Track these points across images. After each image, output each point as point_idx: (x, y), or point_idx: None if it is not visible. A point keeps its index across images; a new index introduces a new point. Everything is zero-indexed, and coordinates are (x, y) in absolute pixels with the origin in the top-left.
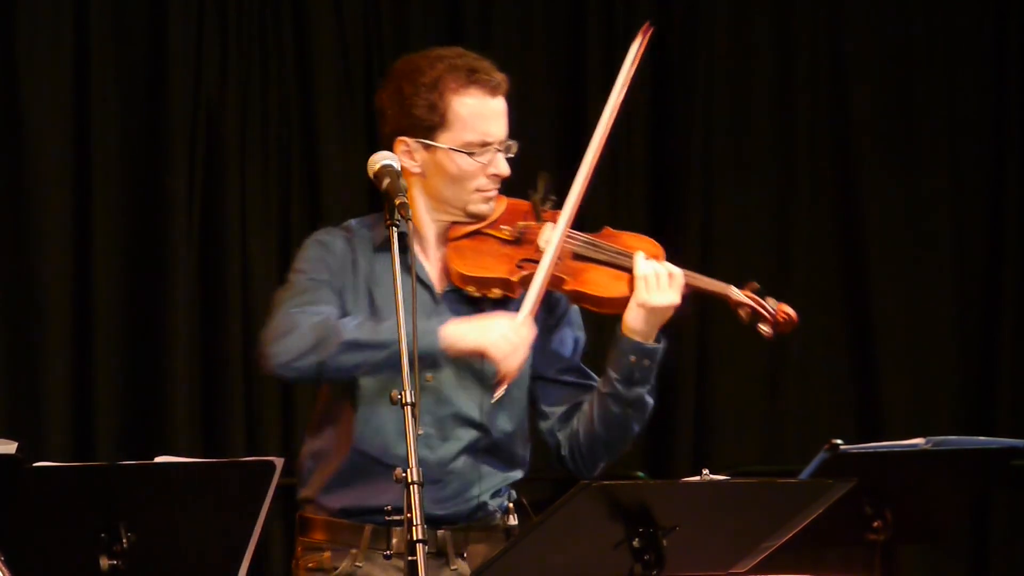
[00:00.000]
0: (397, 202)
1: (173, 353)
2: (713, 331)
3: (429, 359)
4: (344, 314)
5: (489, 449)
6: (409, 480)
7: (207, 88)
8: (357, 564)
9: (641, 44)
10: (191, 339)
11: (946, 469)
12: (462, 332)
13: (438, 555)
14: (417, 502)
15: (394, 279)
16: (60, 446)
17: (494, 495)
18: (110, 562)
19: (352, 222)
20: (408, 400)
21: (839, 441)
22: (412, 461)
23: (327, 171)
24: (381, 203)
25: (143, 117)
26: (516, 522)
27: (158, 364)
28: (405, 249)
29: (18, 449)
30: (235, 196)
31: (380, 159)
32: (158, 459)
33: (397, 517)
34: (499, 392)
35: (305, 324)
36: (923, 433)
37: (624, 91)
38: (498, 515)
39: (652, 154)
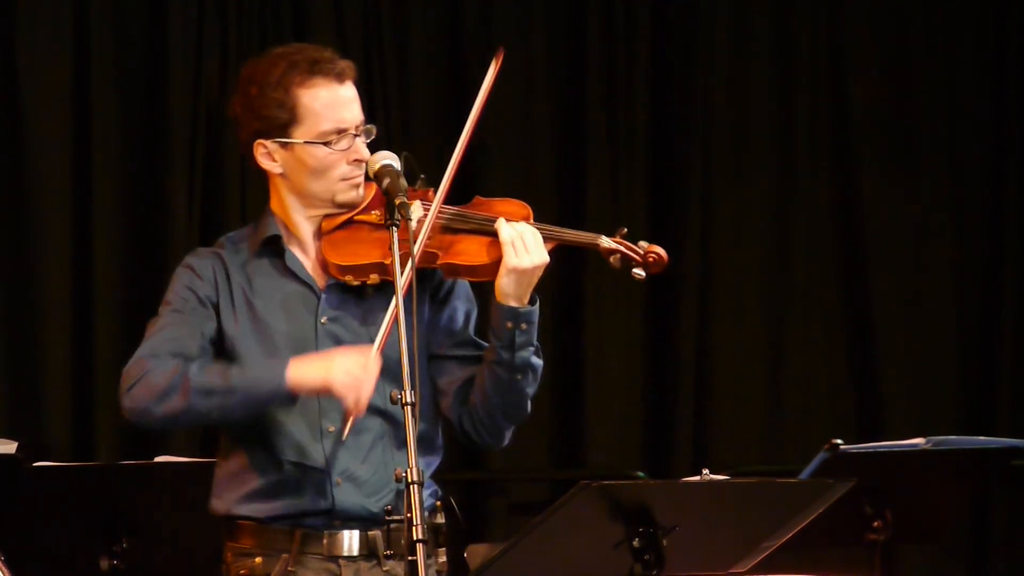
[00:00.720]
0: (397, 202)
1: None
2: (713, 331)
3: (278, 399)
4: (219, 334)
5: (399, 434)
6: (409, 480)
7: (207, 88)
8: (290, 569)
9: (495, 68)
10: None
11: (946, 469)
12: (304, 371)
13: (369, 556)
14: (417, 502)
15: (394, 279)
16: (60, 446)
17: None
18: (110, 562)
19: (229, 236)
20: (408, 400)
21: (839, 441)
22: (412, 461)
23: None
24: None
25: (143, 117)
26: (443, 520)
27: None
28: (282, 251)
29: (18, 449)
30: (235, 196)
31: (380, 159)
32: (158, 459)
33: (397, 517)
34: (347, 429)
35: (156, 373)
36: (923, 433)
37: (480, 110)
38: (424, 514)
39: (652, 154)
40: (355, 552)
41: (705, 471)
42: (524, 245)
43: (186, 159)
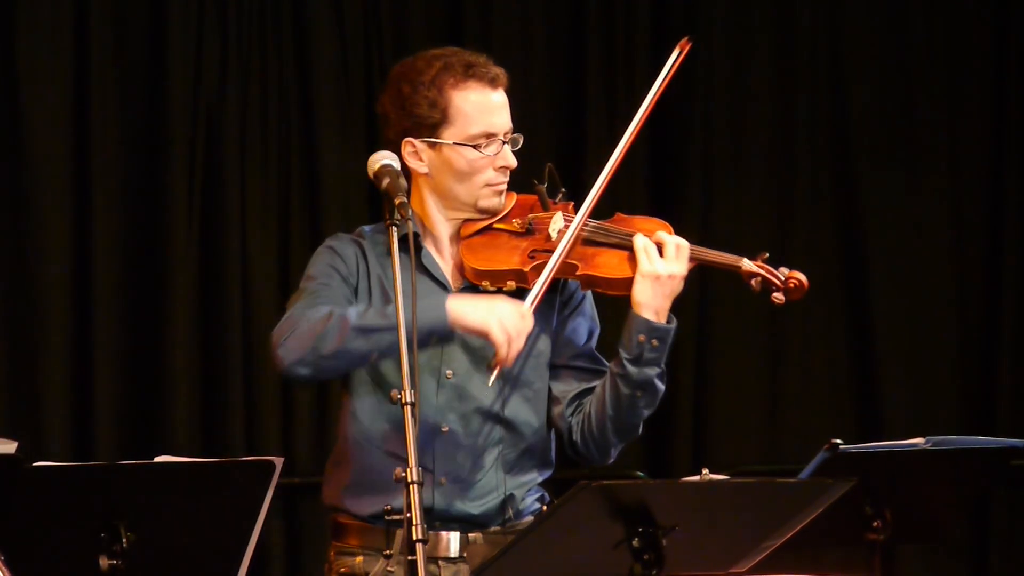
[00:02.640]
0: (397, 202)
1: (173, 353)
2: (713, 331)
3: (437, 333)
4: None
5: (517, 443)
6: (409, 480)
7: (207, 88)
8: (389, 569)
9: (679, 57)
10: (191, 339)
11: (946, 469)
12: (467, 309)
13: (466, 559)
14: (417, 502)
15: (394, 279)
16: (60, 446)
17: (526, 494)
18: (110, 562)
19: (364, 228)
20: (408, 400)
21: (839, 441)
22: (412, 461)
23: (327, 171)
24: (380, 203)
25: (143, 117)
26: None
27: (158, 364)
28: (419, 248)
29: (18, 449)
30: (235, 196)
31: (380, 159)
32: (158, 459)
33: (397, 517)
34: (492, 376)
35: (312, 319)
36: (923, 433)
37: (658, 96)
38: (530, 517)
39: (652, 154)
40: (455, 554)
41: (705, 471)
42: (663, 251)
43: (186, 159)
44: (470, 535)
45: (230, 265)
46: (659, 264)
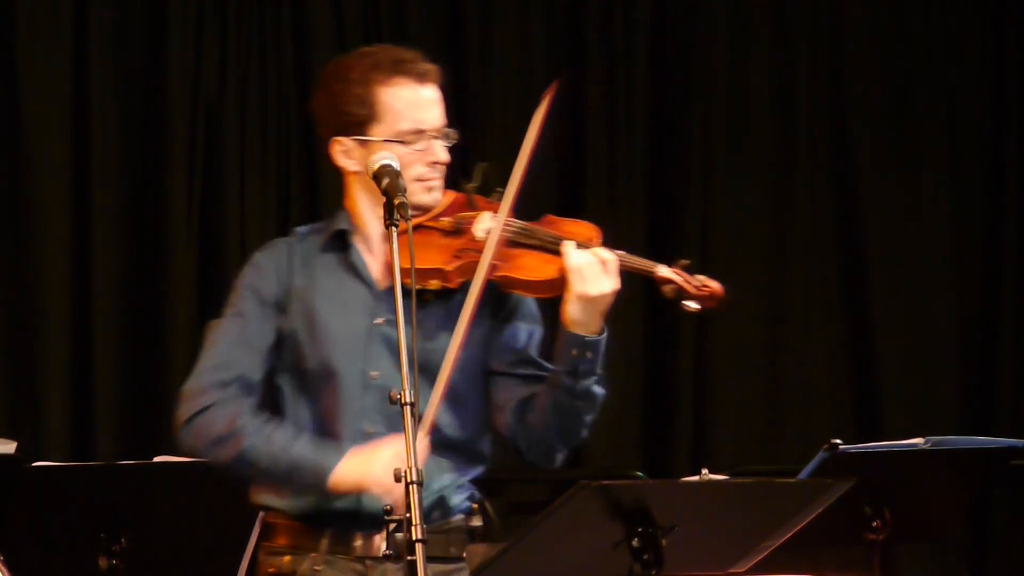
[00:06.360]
0: (396, 202)
1: (173, 353)
2: (712, 331)
3: (317, 491)
4: (278, 333)
5: (443, 444)
6: (408, 480)
7: (207, 88)
8: (316, 568)
9: (548, 100)
10: (191, 339)
11: (946, 469)
12: (346, 471)
13: (398, 558)
14: (416, 502)
15: (394, 282)
16: (60, 446)
17: (455, 492)
18: (109, 562)
19: (298, 228)
20: (408, 400)
21: (839, 441)
22: (411, 461)
23: (326, 171)
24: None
25: (143, 117)
26: (480, 523)
27: (158, 364)
28: (348, 247)
29: (18, 449)
30: (235, 196)
31: (379, 159)
32: (158, 459)
33: (396, 517)
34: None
35: (217, 415)
36: (923, 433)
37: (536, 139)
38: (460, 516)
39: (652, 154)
40: (383, 553)
41: (705, 471)
42: (592, 271)
43: (186, 159)
44: (397, 536)
45: (230, 265)
46: (592, 285)
